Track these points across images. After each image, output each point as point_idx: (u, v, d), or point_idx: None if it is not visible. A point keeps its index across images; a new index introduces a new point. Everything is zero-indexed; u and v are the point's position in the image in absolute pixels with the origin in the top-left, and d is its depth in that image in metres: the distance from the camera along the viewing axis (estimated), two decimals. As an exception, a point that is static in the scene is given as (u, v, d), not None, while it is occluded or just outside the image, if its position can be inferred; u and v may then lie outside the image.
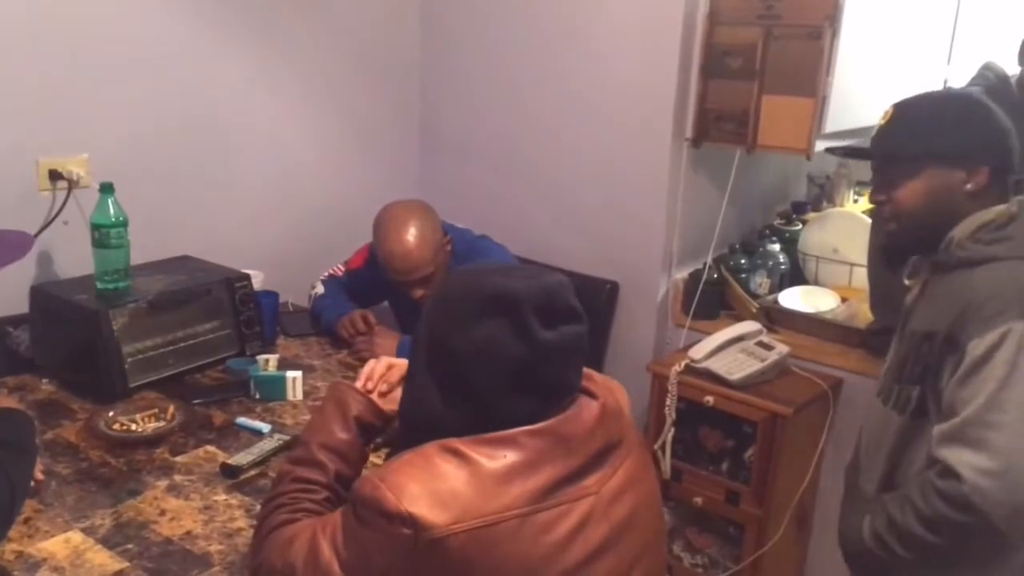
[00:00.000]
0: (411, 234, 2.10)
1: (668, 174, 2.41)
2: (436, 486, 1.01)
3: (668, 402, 2.27)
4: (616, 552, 1.11)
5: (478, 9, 2.72)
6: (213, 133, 2.38)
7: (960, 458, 1.30)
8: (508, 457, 1.04)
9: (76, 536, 1.41)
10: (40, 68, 1.99)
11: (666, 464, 2.29)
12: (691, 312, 2.46)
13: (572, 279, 2.49)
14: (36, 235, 2.03)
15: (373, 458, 1.35)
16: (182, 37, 2.26)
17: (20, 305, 2.00)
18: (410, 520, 0.99)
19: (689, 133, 2.37)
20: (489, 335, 1.06)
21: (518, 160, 2.73)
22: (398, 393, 1.28)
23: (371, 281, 2.35)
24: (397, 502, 1.00)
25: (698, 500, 2.28)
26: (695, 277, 2.48)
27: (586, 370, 1.21)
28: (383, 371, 1.34)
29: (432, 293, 1.21)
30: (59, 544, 1.38)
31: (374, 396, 1.31)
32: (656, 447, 2.29)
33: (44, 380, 1.94)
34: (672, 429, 2.28)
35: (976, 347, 1.31)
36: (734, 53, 2.19)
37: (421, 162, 2.96)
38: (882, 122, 1.52)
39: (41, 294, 1.95)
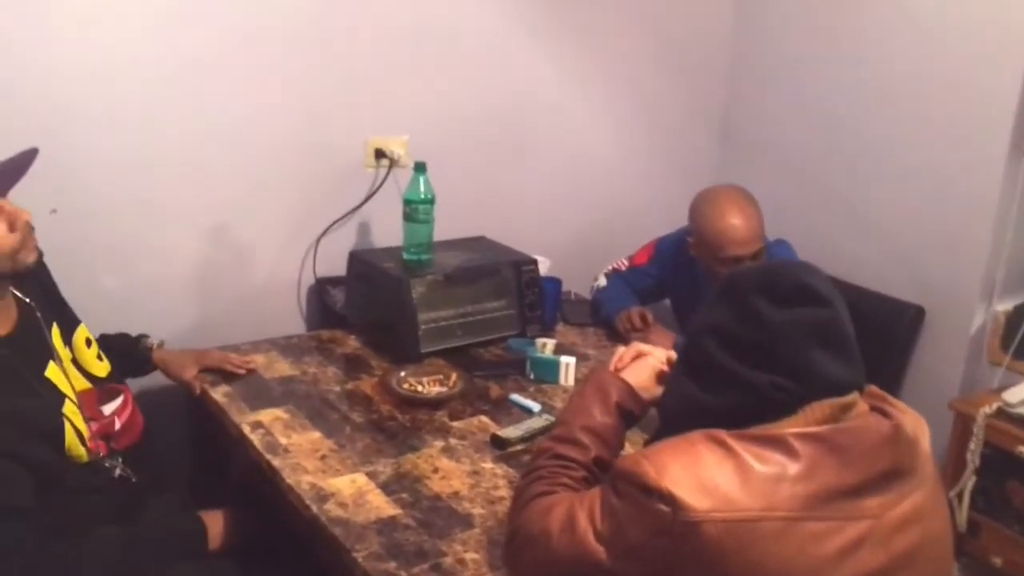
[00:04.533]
0: (751, 205, 2.05)
1: (999, 190, 2.14)
2: (699, 471, 1.00)
3: (971, 446, 2.03)
4: (892, 585, 1.01)
5: (794, 8, 2.60)
6: (518, 122, 2.50)
7: None
8: (777, 459, 1.00)
9: (361, 478, 1.55)
10: (373, 59, 2.21)
11: (962, 515, 2.05)
12: (1011, 350, 2.17)
13: (870, 299, 2.34)
14: (358, 207, 2.26)
15: (628, 446, 1.35)
16: (496, 30, 2.39)
17: (340, 267, 2.24)
18: (669, 498, 0.98)
19: (1031, 146, 2.08)
20: (719, 317, 1.09)
21: (820, 165, 2.58)
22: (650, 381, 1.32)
23: (653, 278, 2.35)
24: (658, 478, 0.99)
25: (997, 560, 2.02)
26: (1020, 311, 2.17)
27: (882, 392, 1.14)
28: (632, 354, 1.37)
29: None
30: (346, 483, 1.53)
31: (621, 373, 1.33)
32: (952, 494, 2.05)
33: (352, 336, 2.16)
34: (973, 477, 2.03)
35: None
36: (1100, 55, 1.89)
37: (719, 164, 2.88)
38: None
39: (356, 259, 2.17)
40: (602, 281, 2.40)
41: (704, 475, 0.99)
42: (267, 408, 1.78)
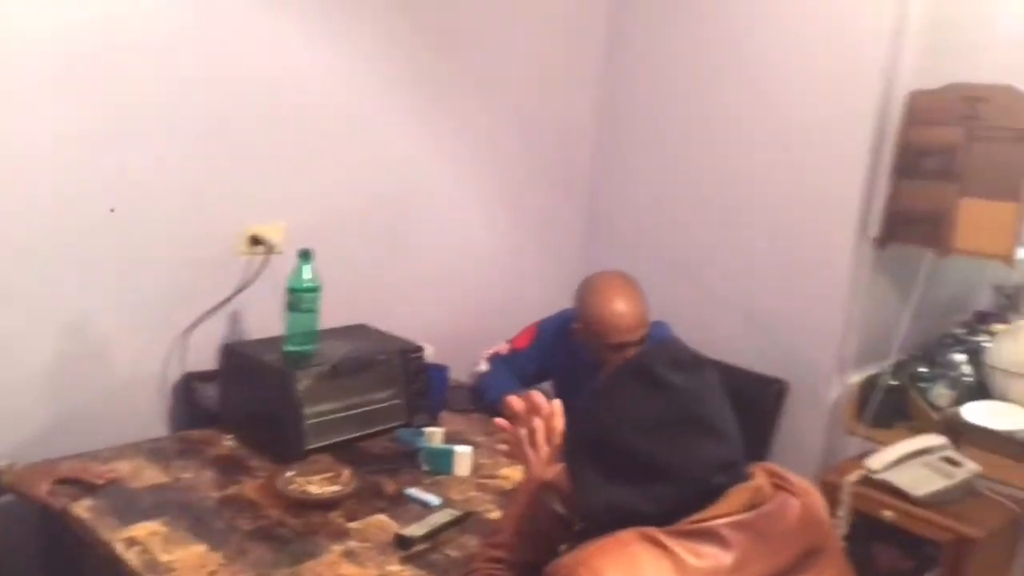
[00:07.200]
0: (636, 290, 2.09)
1: (848, 273, 2.34)
2: (637, 574, 0.99)
3: (840, 513, 2.13)
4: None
5: (655, 98, 2.77)
6: (394, 209, 2.48)
7: None
8: (711, 553, 1.02)
9: (259, 594, 1.43)
10: (247, 146, 2.13)
11: (836, 581, 2.14)
12: (865, 420, 2.33)
13: (735, 375, 2.44)
14: (231, 297, 2.14)
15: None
16: (371, 118, 2.37)
17: (208, 361, 2.10)
18: None
19: (875, 232, 2.29)
20: (626, 395, 1.08)
21: (683, 249, 2.72)
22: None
23: (535, 362, 2.35)
24: None
25: (869, 623, 2.12)
26: (870, 382, 2.35)
27: (779, 469, 1.17)
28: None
29: None
30: (244, 600, 1.41)
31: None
32: (825, 561, 2.15)
33: (227, 436, 2.01)
34: (843, 543, 2.13)
35: None
36: (931, 153, 2.13)
37: (586, 245, 2.98)
38: None
39: (232, 352, 2.04)
40: (483, 366, 2.37)
41: None
42: (141, 522, 1.61)
